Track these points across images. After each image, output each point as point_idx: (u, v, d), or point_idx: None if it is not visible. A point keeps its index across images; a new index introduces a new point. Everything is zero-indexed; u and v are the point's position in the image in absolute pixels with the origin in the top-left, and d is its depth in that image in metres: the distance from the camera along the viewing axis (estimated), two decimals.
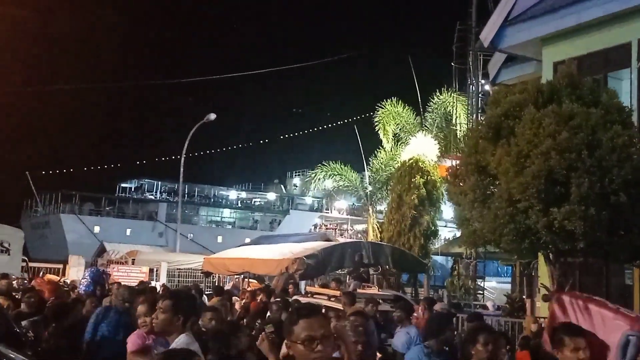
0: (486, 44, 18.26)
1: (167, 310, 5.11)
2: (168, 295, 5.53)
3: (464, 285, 22.74)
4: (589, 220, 10.31)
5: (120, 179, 62.41)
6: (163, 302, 5.23)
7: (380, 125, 26.46)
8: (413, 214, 21.32)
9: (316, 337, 3.15)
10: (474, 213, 11.96)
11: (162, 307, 5.17)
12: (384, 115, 26.13)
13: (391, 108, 26.02)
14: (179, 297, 5.44)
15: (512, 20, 17.31)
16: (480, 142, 12.15)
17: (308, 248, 14.72)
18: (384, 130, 26.40)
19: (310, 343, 3.14)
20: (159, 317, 5.17)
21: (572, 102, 11.39)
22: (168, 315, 5.10)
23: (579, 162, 10.52)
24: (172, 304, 5.14)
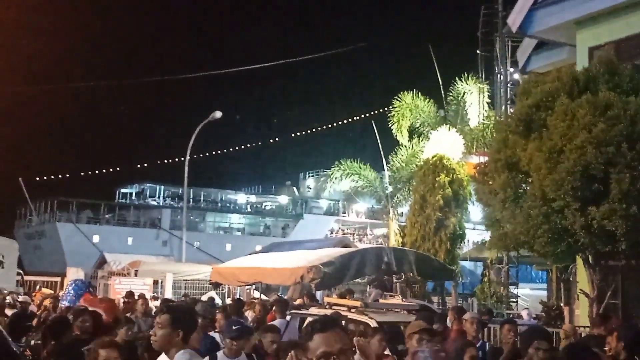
0: (514, 29, 18.18)
1: (166, 325, 5.12)
2: (165, 310, 5.51)
3: (495, 293, 22.70)
4: (631, 219, 10.30)
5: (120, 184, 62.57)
6: (161, 316, 5.25)
7: (395, 119, 26.34)
8: (438, 216, 21.26)
9: (333, 352, 3.14)
10: (504, 213, 11.97)
11: (160, 322, 5.18)
12: (402, 109, 26.00)
13: (410, 101, 25.89)
14: (177, 311, 5.46)
15: (543, 3, 17.22)
16: (510, 137, 12.16)
17: (324, 255, 14.68)
18: (398, 126, 26.28)
19: (327, 359, 3.14)
20: (157, 334, 5.18)
21: (609, 91, 11.37)
22: (167, 330, 5.11)
23: (618, 156, 10.52)
24: (170, 318, 5.14)
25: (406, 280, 17.85)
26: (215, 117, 32.93)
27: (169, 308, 5.62)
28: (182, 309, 5.88)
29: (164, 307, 6.29)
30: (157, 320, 5.29)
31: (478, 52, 29.07)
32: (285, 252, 17.00)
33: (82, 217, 55.30)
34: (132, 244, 49.45)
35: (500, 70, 27.08)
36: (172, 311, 5.36)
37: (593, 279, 11.98)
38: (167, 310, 5.41)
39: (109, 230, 53.76)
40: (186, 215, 40.57)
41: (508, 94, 26.13)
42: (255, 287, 18.54)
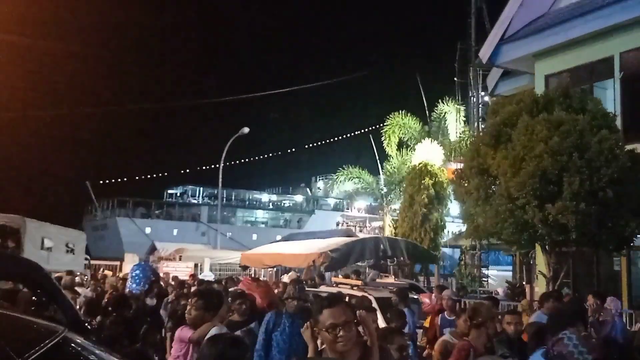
0: (484, 61, 18.17)
1: (199, 307, 5.23)
2: (199, 295, 5.58)
3: (470, 274, 22.60)
4: (580, 214, 10.25)
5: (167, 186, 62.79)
6: (196, 301, 5.32)
7: (386, 135, 26.33)
8: (423, 211, 21.18)
9: (338, 324, 3.14)
10: (477, 210, 11.94)
11: (195, 305, 5.26)
12: (391, 126, 26.01)
13: (398, 119, 25.91)
14: (206, 295, 5.54)
15: (507, 39, 17.19)
16: (482, 147, 12.12)
17: (332, 243, 14.62)
18: (388, 140, 26.26)
19: (334, 329, 3.14)
20: (192, 313, 5.24)
21: (562, 111, 11.33)
22: (200, 312, 5.21)
23: (569, 163, 10.47)
24: (202, 302, 5.27)
25: (398, 263, 17.76)
26: (244, 132, 33.00)
27: (202, 293, 5.66)
28: (212, 293, 5.87)
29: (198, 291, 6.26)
30: (192, 303, 5.33)
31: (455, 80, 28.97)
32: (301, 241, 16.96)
33: (137, 213, 55.43)
34: (176, 235, 49.42)
35: (473, 94, 26.95)
36: (204, 296, 5.45)
37: (549, 263, 11.93)
38: (200, 295, 5.48)
39: (158, 223, 53.85)
40: (220, 211, 40.65)
41: (480, 113, 25.99)
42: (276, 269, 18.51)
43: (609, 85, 15.13)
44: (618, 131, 11.60)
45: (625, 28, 14.36)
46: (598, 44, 15.04)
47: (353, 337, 3.20)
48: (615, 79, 14.88)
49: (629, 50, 14.66)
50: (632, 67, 14.64)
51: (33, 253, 14.17)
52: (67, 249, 17.73)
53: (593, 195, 10.33)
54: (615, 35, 14.61)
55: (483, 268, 24.15)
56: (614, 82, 14.93)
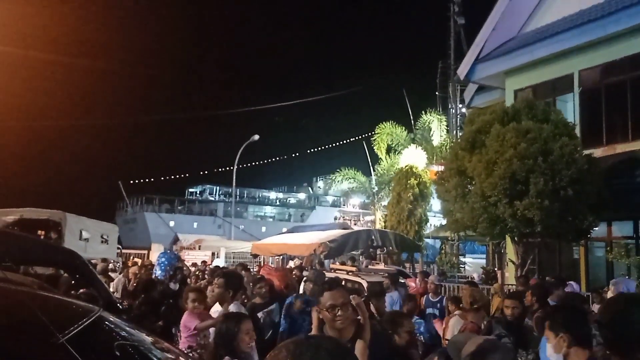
0: (462, 77, 18.16)
1: (221, 286, 5.11)
2: (221, 274, 5.46)
3: (449, 261, 22.57)
4: (544, 210, 10.26)
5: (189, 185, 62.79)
6: (218, 280, 5.22)
7: (377, 141, 26.33)
8: (409, 207, 21.17)
9: (337, 304, 3.15)
10: (455, 206, 11.93)
11: (217, 283, 5.16)
12: (381, 134, 26.03)
13: (387, 128, 25.93)
14: (229, 276, 5.39)
15: (482, 59, 17.18)
16: (459, 152, 12.11)
17: (330, 234, 14.61)
18: (378, 146, 26.26)
19: (333, 309, 3.15)
20: (214, 291, 5.15)
21: (528, 120, 11.32)
22: (221, 290, 5.10)
23: (535, 166, 10.47)
24: (224, 281, 5.13)
25: (387, 252, 17.72)
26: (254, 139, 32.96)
27: (224, 274, 5.54)
28: (233, 274, 5.76)
29: (220, 272, 6.18)
30: (215, 282, 5.25)
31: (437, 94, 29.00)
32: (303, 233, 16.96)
33: (162, 208, 55.38)
34: (196, 227, 49.31)
35: (452, 106, 27.00)
36: (226, 276, 5.33)
37: (518, 252, 11.92)
38: (222, 275, 5.39)
39: (181, 217, 53.77)
40: (234, 207, 40.61)
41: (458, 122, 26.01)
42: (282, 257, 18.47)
43: (569, 98, 15.11)
44: (577, 138, 11.58)
45: (583, 49, 14.35)
46: (560, 63, 15.03)
47: (349, 316, 3.20)
48: (575, 93, 14.87)
49: (586, 69, 14.65)
50: (589, 83, 14.64)
51: (72, 243, 14.14)
52: (102, 240, 17.71)
53: (555, 194, 10.34)
54: (575, 55, 14.60)
55: (460, 256, 24.13)
56: (573, 96, 14.92)
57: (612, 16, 13.41)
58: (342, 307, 3.16)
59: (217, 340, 3.69)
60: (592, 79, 14.59)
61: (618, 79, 13.89)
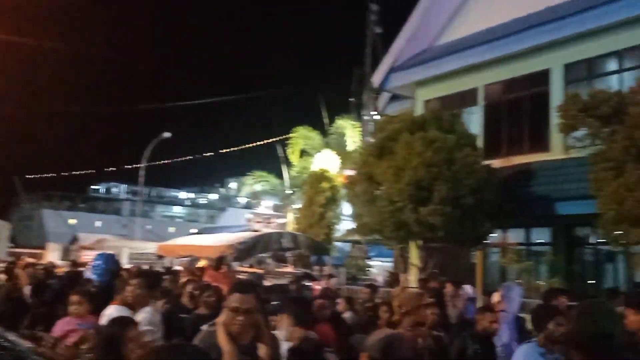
0: (376, 86, 18.70)
1: (138, 286, 4.92)
2: (139, 274, 5.27)
3: (357, 264, 23.03)
4: (446, 216, 10.69)
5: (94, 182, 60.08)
6: (135, 280, 5.05)
7: (291, 145, 26.54)
8: (320, 210, 21.51)
9: (240, 309, 3.09)
10: (364, 210, 12.18)
11: (135, 283, 4.99)
12: (296, 137, 26.27)
13: (302, 132, 26.19)
14: (147, 276, 5.22)
15: (395, 69, 17.70)
16: (369, 158, 12.36)
17: (240, 236, 14.57)
18: (292, 149, 26.46)
19: (235, 312, 3.09)
20: (132, 292, 4.97)
21: (435, 130, 11.82)
22: (140, 291, 4.88)
23: (439, 174, 10.87)
24: (141, 281, 4.94)
25: (297, 254, 17.87)
26: (165, 136, 32.19)
27: (141, 273, 5.34)
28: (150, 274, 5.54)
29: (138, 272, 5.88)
30: (132, 282, 5.05)
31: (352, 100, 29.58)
32: (212, 234, 16.79)
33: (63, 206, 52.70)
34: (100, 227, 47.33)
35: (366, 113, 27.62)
36: (143, 276, 5.15)
37: (421, 256, 12.42)
38: (140, 275, 5.18)
39: (83, 216, 51.44)
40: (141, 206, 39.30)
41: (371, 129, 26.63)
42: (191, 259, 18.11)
43: (474, 111, 15.82)
44: (479, 149, 12.24)
45: (489, 65, 15.11)
46: (467, 77, 15.76)
47: (250, 325, 3.12)
48: (479, 107, 15.69)
49: (491, 84, 15.45)
50: (492, 98, 15.47)
51: None
52: None
53: (457, 201, 10.84)
54: (480, 70, 15.36)
55: (368, 260, 24.67)
56: (478, 109, 15.76)
57: (516, 35, 14.30)
58: (244, 313, 3.09)
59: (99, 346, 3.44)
60: (496, 93, 15.43)
61: (518, 95, 14.82)
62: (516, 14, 14.75)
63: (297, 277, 9.41)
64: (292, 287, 8.59)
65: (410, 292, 5.41)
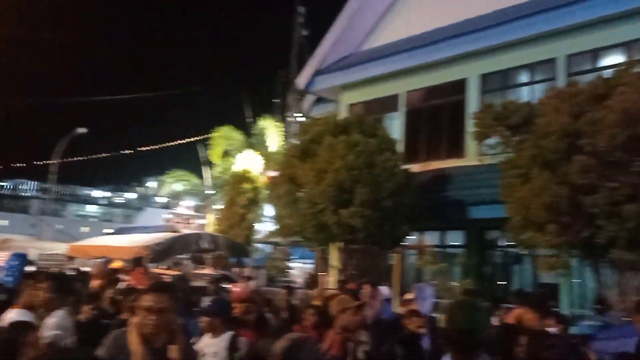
0: (301, 87, 18.79)
1: (48, 290, 4.72)
2: (48, 278, 5.01)
3: (278, 266, 23.05)
4: (366, 218, 10.94)
5: None
6: (44, 283, 4.81)
7: (212, 145, 26.17)
8: (241, 212, 21.38)
9: (153, 308, 3.04)
10: (286, 212, 12.21)
11: (44, 287, 4.76)
12: (218, 137, 25.92)
13: (224, 132, 25.88)
14: (57, 280, 5.02)
15: (320, 72, 17.85)
16: (292, 160, 12.43)
17: (157, 237, 14.20)
18: (214, 149, 26.08)
19: (147, 312, 3.05)
20: (40, 296, 4.73)
21: (358, 134, 12.04)
22: (48, 294, 4.71)
23: (361, 177, 11.11)
24: (51, 285, 4.75)
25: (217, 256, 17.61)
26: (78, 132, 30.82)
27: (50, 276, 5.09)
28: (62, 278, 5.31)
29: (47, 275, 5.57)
30: (41, 286, 4.80)
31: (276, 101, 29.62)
32: (128, 235, 16.26)
33: None
34: (7, 226, 44.53)
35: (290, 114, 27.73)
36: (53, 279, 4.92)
37: (341, 258, 12.59)
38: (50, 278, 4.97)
39: None
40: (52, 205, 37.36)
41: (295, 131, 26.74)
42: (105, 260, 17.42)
43: (396, 116, 16.25)
44: (399, 153, 12.58)
45: (410, 72, 15.53)
46: (389, 82, 16.14)
47: (163, 325, 3.07)
48: (400, 112, 16.13)
49: (412, 90, 15.89)
50: (413, 104, 15.93)
51: None
52: None
53: (377, 204, 11.11)
54: (402, 77, 15.76)
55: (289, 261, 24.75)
56: (399, 115, 16.18)
57: (436, 45, 14.80)
58: (157, 313, 3.03)
59: None
60: (416, 100, 15.89)
61: (438, 102, 15.36)
62: (438, 23, 15.29)
63: (214, 279, 9.26)
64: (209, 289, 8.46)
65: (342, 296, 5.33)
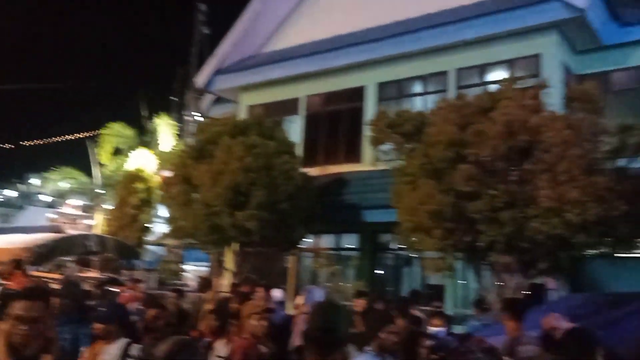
0: (200, 86, 18.47)
1: None
2: None
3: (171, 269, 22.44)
4: (262, 221, 10.96)
5: None
6: None
7: (103, 142, 25.02)
8: (133, 212, 20.56)
9: (25, 318, 2.86)
10: (179, 213, 11.98)
11: None
12: (109, 134, 24.79)
13: (116, 129, 24.81)
14: None
15: (221, 71, 17.66)
16: (188, 160, 12.21)
17: (39, 238, 13.32)
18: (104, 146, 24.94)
19: (18, 321, 2.86)
20: None
21: (256, 136, 12.03)
22: None
23: (258, 179, 11.12)
24: None
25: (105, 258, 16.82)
26: None
27: None
28: None
29: None
30: None
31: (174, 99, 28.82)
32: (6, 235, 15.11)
33: None
34: None
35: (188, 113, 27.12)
36: None
37: (235, 260, 12.51)
38: None
39: None
40: None
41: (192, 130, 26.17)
42: None
43: (296, 120, 16.42)
44: (297, 157, 12.72)
45: (311, 76, 15.79)
46: (290, 86, 16.29)
47: (34, 335, 2.90)
48: (300, 116, 16.31)
49: (312, 95, 16.14)
50: (313, 108, 16.16)
51: None
52: None
53: (273, 206, 11.17)
54: (303, 81, 15.99)
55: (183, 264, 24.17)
56: (299, 118, 16.36)
57: (336, 51, 15.13)
58: (29, 322, 2.86)
59: None
60: (316, 105, 16.16)
61: (337, 108, 15.70)
62: (338, 30, 15.65)
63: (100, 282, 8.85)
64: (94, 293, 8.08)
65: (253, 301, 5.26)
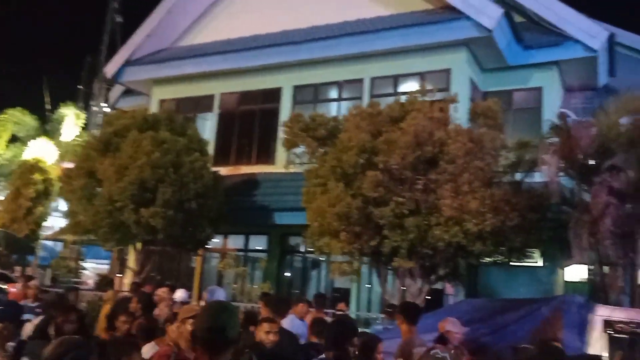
0: (109, 76, 17.74)
1: None
2: None
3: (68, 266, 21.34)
4: (168, 219, 10.72)
5: None
6: None
7: None
8: (28, 204, 19.35)
9: None
10: (80, 208, 11.48)
11: None
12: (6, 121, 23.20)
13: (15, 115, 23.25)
14: None
15: (132, 62, 17.04)
16: (92, 153, 11.75)
17: None
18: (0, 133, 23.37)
19: None
20: None
21: (166, 131, 11.73)
22: None
23: (166, 176, 10.89)
24: None
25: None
26: None
27: None
28: None
29: None
30: None
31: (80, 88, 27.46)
32: None
33: None
34: None
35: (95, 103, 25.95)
36: None
37: (138, 259, 12.11)
38: None
39: None
40: None
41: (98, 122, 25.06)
42: None
43: (209, 117, 16.16)
44: (208, 155, 12.52)
45: (225, 74, 15.57)
46: (204, 82, 15.98)
47: None
48: (214, 114, 16.05)
49: (227, 93, 15.94)
50: (227, 107, 15.95)
51: None
52: None
53: (181, 205, 10.94)
54: (217, 78, 15.74)
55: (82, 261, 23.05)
56: (213, 116, 16.09)
57: (252, 51, 15.03)
58: None
59: None
60: (231, 103, 15.96)
61: (251, 108, 15.60)
62: (257, 30, 15.56)
63: None
64: None
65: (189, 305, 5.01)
